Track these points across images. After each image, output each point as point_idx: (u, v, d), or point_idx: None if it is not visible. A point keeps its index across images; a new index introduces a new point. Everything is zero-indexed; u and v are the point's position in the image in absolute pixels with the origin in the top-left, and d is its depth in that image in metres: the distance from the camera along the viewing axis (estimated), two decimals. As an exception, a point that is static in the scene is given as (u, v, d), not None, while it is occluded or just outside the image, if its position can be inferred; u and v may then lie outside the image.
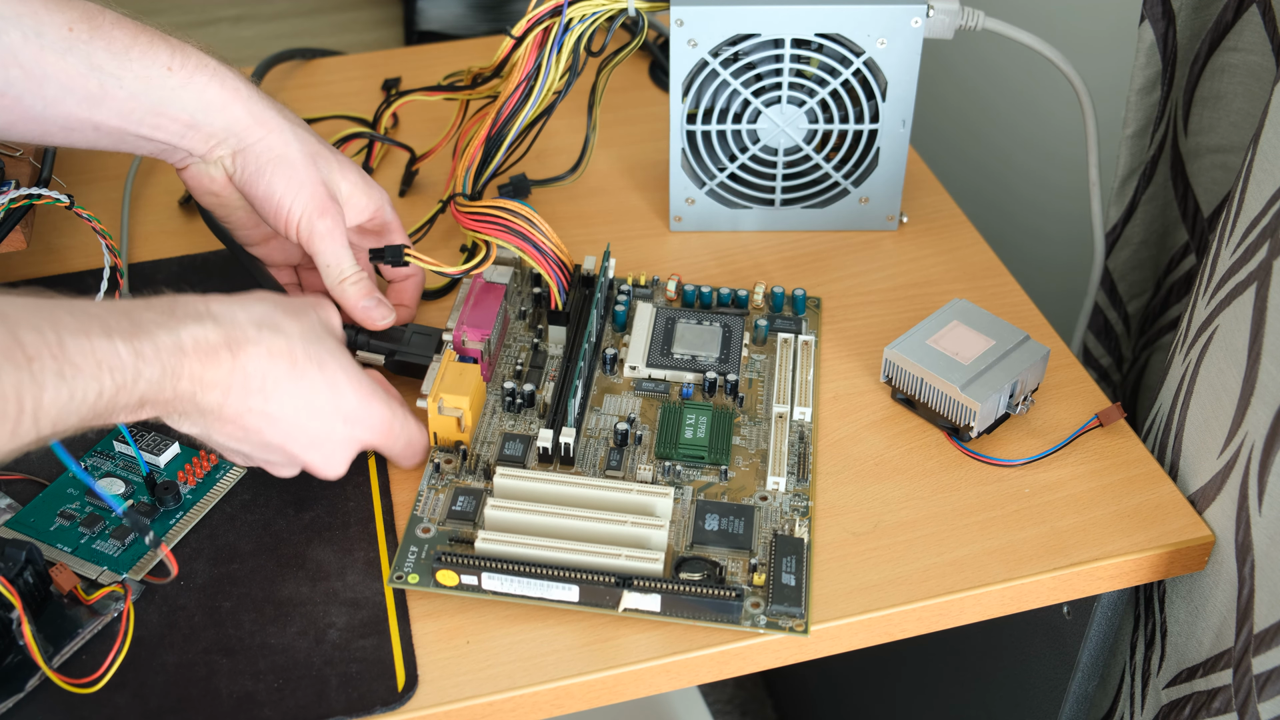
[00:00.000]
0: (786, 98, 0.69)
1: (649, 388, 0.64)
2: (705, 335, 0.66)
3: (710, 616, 0.53)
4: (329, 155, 0.63)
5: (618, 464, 0.59)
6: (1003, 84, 1.05)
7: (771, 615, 0.53)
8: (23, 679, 0.50)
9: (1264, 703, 0.54)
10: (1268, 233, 0.52)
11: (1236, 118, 0.67)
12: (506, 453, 0.60)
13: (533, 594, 0.53)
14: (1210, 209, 0.71)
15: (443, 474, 0.59)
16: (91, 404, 0.45)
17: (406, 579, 0.54)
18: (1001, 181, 1.08)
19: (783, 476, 0.58)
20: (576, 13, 0.66)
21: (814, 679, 1.08)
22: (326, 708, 0.50)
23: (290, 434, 0.53)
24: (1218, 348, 0.56)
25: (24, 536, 0.56)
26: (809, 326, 0.67)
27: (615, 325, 0.67)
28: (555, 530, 0.55)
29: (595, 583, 0.52)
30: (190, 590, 0.54)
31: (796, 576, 0.54)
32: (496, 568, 0.53)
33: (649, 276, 0.70)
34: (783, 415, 0.61)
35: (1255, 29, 0.63)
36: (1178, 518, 0.58)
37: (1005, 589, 0.55)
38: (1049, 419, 0.62)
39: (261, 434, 0.52)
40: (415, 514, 0.57)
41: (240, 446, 0.53)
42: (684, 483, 0.59)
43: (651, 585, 0.52)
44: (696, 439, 0.60)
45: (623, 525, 0.55)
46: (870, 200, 0.73)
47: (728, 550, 0.56)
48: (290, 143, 0.61)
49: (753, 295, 0.69)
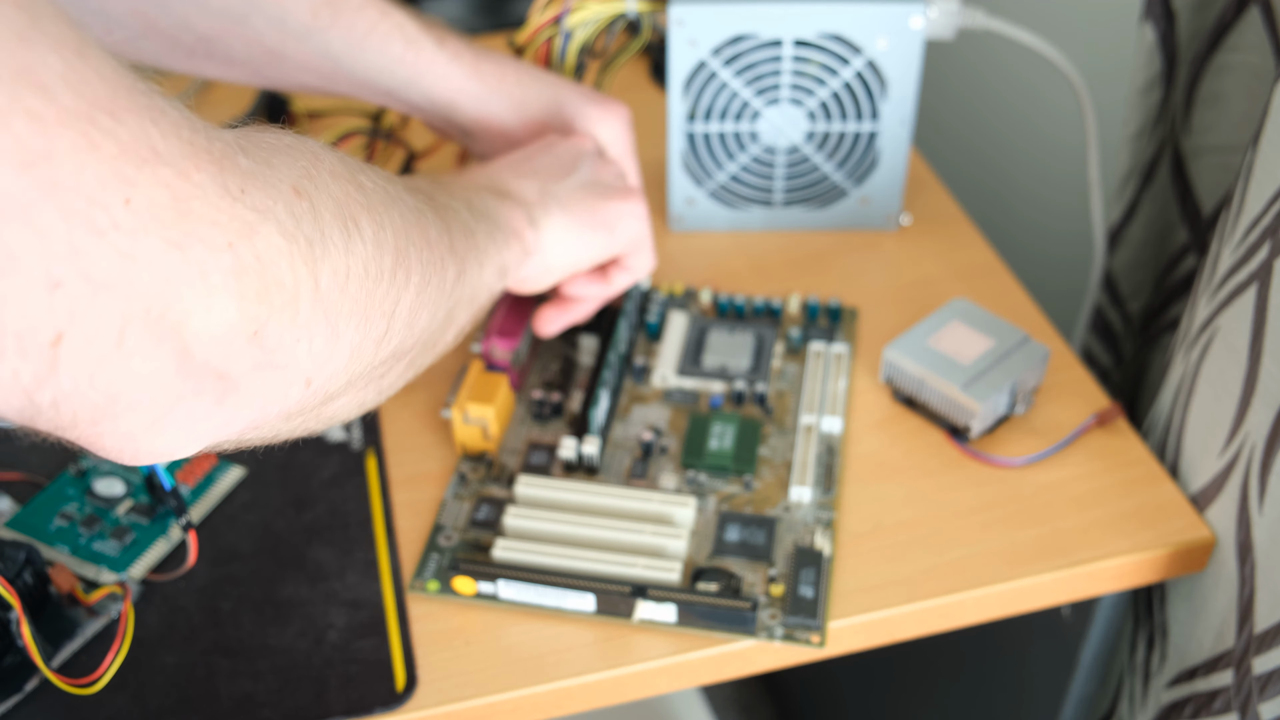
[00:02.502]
0: (786, 98, 0.69)
1: (678, 398, 0.63)
2: (737, 345, 0.66)
3: (725, 627, 0.53)
4: (551, 111, 0.65)
5: (642, 474, 0.59)
6: (1003, 84, 1.05)
7: (788, 627, 0.53)
8: (22, 680, 0.50)
9: (1264, 703, 0.54)
10: (1268, 232, 0.52)
11: (1237, 118, 0.67)
12: (531, 462, 0.60)
13: (549, 603, 0.53)
14: (1210, 209, 0.71)
15: (468, 483, 0.59)
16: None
17: (426, 586, 0.54)
18: (1001, 181, 1.08)
19: (807, 487, 0.58)
20: (577, 20, 0.67)
21: (814, 679, 1.07)
22: (326, 708, 0.50)
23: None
24: (1218, 348, 0.56)
25: (23, 537, 0.56)
26: (844, 336, 0.67)
27: (648, 335, 0.67)
28: (574, 539, 0.55)
29: (610, 592, 0.52)
30: (190, 591, 0.54)
31: (815, 588, 0.54)
32: (513, 575, 0.53)
33: (683, 287, 0.70)
34: (810, 426, 0.61)
35: (1256, 29, 0.63)
36: (1178, 518, 0.58)
37: (1006, 590, 0.55)
38: (1049, 419, 0.62)
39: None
40: (438, 522, 0.57)
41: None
42: (708, 493, 0.59)
43: (667, 595, 0.52)
44: (722, 449, 0.60)
45: (641, 535, 0.55)
46: (871, 200, 0.73)
47: (747, 561, 0.55)
48: (511, 125, 0.64)
49: (786, 305, 0.68)
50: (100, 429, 0.33)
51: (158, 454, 0.35)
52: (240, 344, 0.34)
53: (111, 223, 0.30)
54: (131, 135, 0.30)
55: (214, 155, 0.33)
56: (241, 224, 0.33)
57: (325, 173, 0.39)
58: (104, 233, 0.29)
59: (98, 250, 0.29)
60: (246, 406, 0.36)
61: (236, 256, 0.33)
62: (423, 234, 0.44)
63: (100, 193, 0.29)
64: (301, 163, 0.38)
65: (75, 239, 0.29)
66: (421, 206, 0.45)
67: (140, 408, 0.33)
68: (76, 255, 0.29)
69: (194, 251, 0.32)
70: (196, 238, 0.32)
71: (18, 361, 0.29)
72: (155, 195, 0.31)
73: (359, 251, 0.39)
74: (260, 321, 0.34)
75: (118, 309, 0.30)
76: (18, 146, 0.27)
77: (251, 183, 0.34)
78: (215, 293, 0.33)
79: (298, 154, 0.38)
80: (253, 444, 0.41)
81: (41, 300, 0.29)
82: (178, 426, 0.34)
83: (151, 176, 0.30)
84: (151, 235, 0.31)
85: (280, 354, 0.36)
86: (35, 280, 0.28)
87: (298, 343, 0.36)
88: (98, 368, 0.31)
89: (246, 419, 0.36)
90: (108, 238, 0.30)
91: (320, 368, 0.38)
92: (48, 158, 0.28)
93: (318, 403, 0.40)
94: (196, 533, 0.56)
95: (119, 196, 0.30)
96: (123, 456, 0.35)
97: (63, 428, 0.32)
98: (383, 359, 0.43)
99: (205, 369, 0.33)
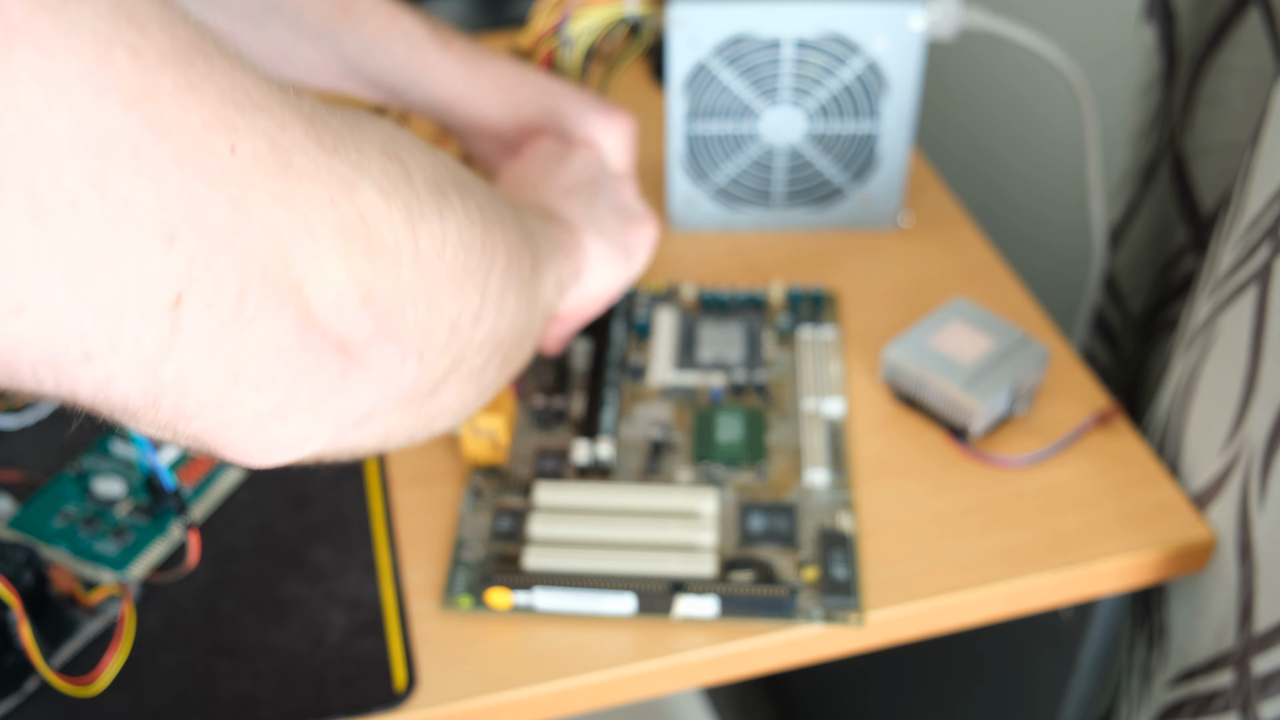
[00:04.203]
0: (786, 98, 0.69)
1: (678, 394, 0.64)
2: (728, 336, 0.66)
3: (766, 615, 0.53)
4: (554, 117, 0.66)
5: (655, 470, 0.59)
6: (1003, 84, 1.05)
7: (828, 608, 0.53)
8: (21, 680, 0.50)
9: (1264, 703, 0.54)
10: (1268, 232, 0.52)
11: (1237, 118, 0.67)
12: (543, 469, 0.60)
13: (587, 608, 0.53)
14: (1210, 209, 0.71)
15: (483, 495, 0.59)
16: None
17: (458, 603, 0.54)
18: (1001, 181, 1.08)
19: (821, 469, 0.59)
20: (577, 28, 0.67)
21: (814, 679, 1.07)
22: (326, 708, 0.50)
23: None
24: (1218, 348, 0.56)
25: (23, 537, 0.56)
26: (828, 319, 0.68)
27: (637, 334, 0.67)
28: (603, 541, 0.55)
29: (649, 591, 0.52)
30: (190, 591, 0.54)
31: (847, 568, 0.54)
32: (550, 582, 0.52)
33: (665, 283, 0.70)
34: (812, 410, 0.61)
35: (1256, 29, 0.63)
36: (1178, 518, 0.58)
37: (1006, 590, 0.55)
38: (1049, 419, 0.62)
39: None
40: (459, 537, 0.57)
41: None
42: (723, 484, 0.59)
43: (706, 588, 0.52)
44: (733, 440, 0.60)
45: (669, 531, 0.55)
46: (871, 200, 0.73)
47: (776, 548, 0.55)
48: (508, 128, 0.65)
49: (770, 294, 0.69)
50: (225, 416, 0.32)
51: (286, 444, 0.34)
52: (353, 309, 0.33)
53: (221, 171, 0.28)
54: (227, 80, 0.29)
55: (303, 110, 0.32)
56: (340, 180, 0.32)
57: (408, 141, 0.38)
58: (215, 182, 0.28)
59: (211, 200, 0.28)
60: (368, 382, 0.35)
61: (340, 214, 0.32)
62: (499, 214, 0.43)
63: (207, 136, 0.28)
64: (385, 128, 0.37)
65: (189, 186, 0.27)
66: (494, 191, 0.45)
67: (264, 386, 0.32)
68: (191, 205, 0.27)
69: (300, 207, 0.31)
70: (301, 192, 0.31)
71: (140, 326, 0.28)
72: (258, 144, 0.29)
73: (452, 219, 0.38)
74: (369, 285, 0.34)
75: (235, 267, 0.29)
76: (121, 81, 0.26)
77: (343, 141, 0.33)
78: (325, 252, 0.32)
79: (377, 121, 0.37)
80: (365, 448, 0.40)
81: (159, 255, 0.27)
82: (303, 407, 0.33)
83: (252, 124, 0.29)
84: (259, 187, 0.29)
85: (391, 322, 0.35)
86: (151, 231, 0.27)
87: (403, 309, 0.36)
88: (220, 333, 0.29)
89: (368, 400, 0.36)
90: (219, 187, 0.28)
91: (428, 339, 0.37)
92: (153, 95, 0.26)
93: (428, 388, 0.39)
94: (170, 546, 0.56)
95: (225, 142, 0.28)
96: (250, 451, 0.34)
97: (186, 414, 0.31)
98: (480, 341, 0.42)
99: (325, 337, 0.33)
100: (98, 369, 0.28)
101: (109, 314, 0.27)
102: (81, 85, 0.25)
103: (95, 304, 0.27)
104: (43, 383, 0.28)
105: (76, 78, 0.25)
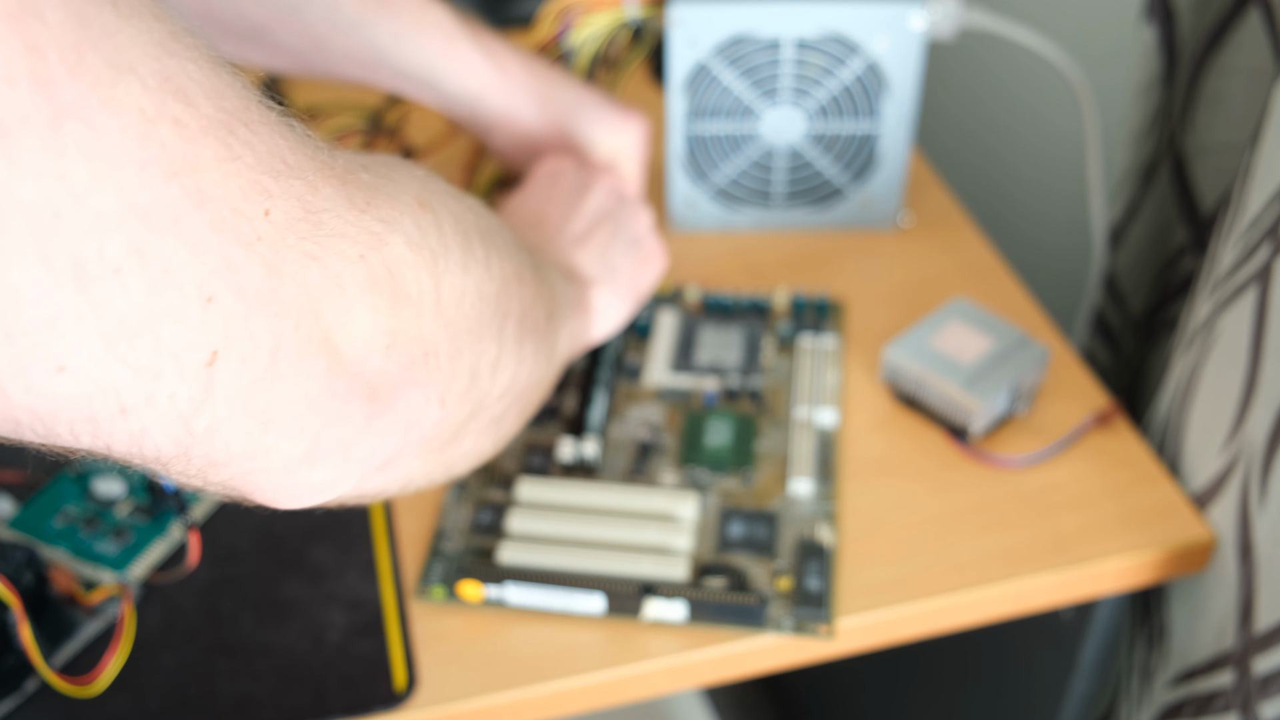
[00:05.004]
0: (786, 98, 0.69)
1: (672, 396, 0.64)
2: (727, 341, 0.66)
3: (735, 622, 0.53)
4: (569, 115, 0.66)
5: (641, 471, 0.59)
6: (1003, 84, 1.05)
7: (798, 619, 0.53)
8: (21, 680, 0.50)
9: (1264, 703, 0.54)
10: (1268, 233, 0.52)
11: (1237, 118, 0.67)
12: (529, 464, 0.60)
13: (557, 606, 0.53)
14: (1210, 209, 0.71)
15: (467, 487, 0.59)
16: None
17: (431, 593, 0.54)
18: (1001, 181, 1.08)
19: (807, 479, 0.58)
20: (580, 36, 0.67)
21: (815, 680, 1.07)
22: (325, 708, 0.50)
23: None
24: (1218, 348, 0.56)
25: (23, 537, 0.56)
26: (831, 328, 0.67)
27: (637, 334, 0.67)
28: (579, 540, 0.55)
29: (619, 592, 0.52)
30: (190, 591, 0.54)
31: (821, 580, 0.54)
32: (520, 578, 0.53)
33: (671, 286, 0.70)
34: (805, 419, 0.61)
35: (1256, 29, 0.63)
36: (1178, 518, 0.58)
37: (1006, 590, 0.55)
38: (1049, 419, 0.62)
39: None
40: (440, 528, 0.57)
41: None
42: (707, 489, 0.59)
43: (676, 592, 0.52)
44: (720, 445, 0.60)
45: (646, 533, 0.55)
46: (871, 201, 0.73)
47: (752, 556, 0.55)
48: (532, 124, 0.66)
49: (774, 300, 0.69)
50: (254, 464, 0.33)
51: (314, 489, 0.35)
52: (378, 357, 0.34)
53: (256, 234, 0.29)
54: (266, 147, 0.30)
55: (336, 170, 0.33)
56: (370, 235, 0.34)
57: (441, 191, 0.40)
58: (250, 244, 0.29)
59: (247, 262, 0.29)
60: (393, 427, 0.36)
61: (369, 268, 0.34)
62: (518, 268, 0.45)
63: (244, 203, 0.29)
64: (420, 176, 0.39)
65: (226, 251, 0.28)
66: (519, 243, 0.47)
67: (294, 434, 0.33)
68: (228, 268, 0.29)
69: (330, 264, 0.32)
70: (331, 250, 0.32)
71: (175, 384, 0.29)
72: (290, 208, 0.31)
73: (474, 271, 0.40)
74: (393, 334, 0.35)
75: (268, 325, 0.30)
76: (165, 154, 0.27)
77: (376, 196, 0.35)
78: (353, 306, 0.33)
79: (414, 171, 0.39)
80: (388, 492, 0.41)
81: (196, 316, 0.28)
82: (332, 453, 0.34)
83: (286, 188, 0.30)
84: (291, 248, 0.31)
85: (415, 368, 0.36)
86: (189, 295, 0.28)
87: (426, 357, 0.37)
88: (252, 389, 0.30)
89: (393, 444, 0.37)
90: (254, 249, 0.29)
91: (450, 385, 0.39)
92: (194, 167, 0.28)
93: (449, 433, 0.41)
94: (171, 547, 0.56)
95: (260, 208, 0.30)
96: (279, 495, 0.35)
97: (216, 464, 0.32)
98: (500, 391, 0.44)
99: (352, 384, 0.34)
100: (133, 423, 0.29)
101: (146, 373, 0.28)
102: (126, 160, 0.26)
103: (133, 364, 0.28)
104: (79, 438, 0.29)
105: (122, 153, 0.26)
